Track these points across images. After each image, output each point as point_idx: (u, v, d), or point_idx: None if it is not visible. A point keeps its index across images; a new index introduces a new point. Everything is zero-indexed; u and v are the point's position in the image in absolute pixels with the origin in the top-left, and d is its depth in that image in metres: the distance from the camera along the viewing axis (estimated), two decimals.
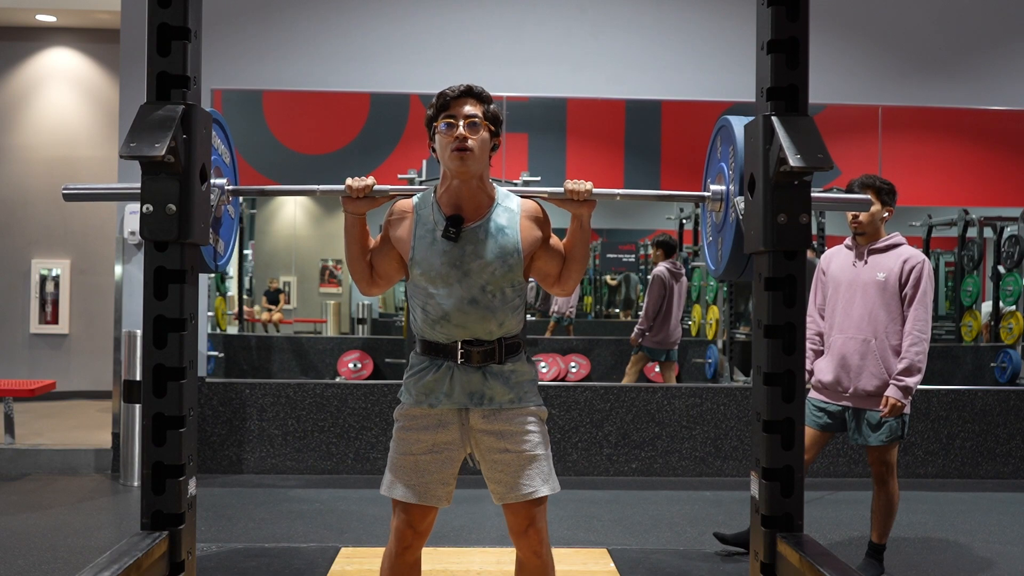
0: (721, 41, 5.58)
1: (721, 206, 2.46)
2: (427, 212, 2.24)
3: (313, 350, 6.45)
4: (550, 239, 2.30)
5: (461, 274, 2.19)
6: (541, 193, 2.34)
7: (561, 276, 2.30)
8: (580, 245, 2.28)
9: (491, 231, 2.21)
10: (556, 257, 2.29)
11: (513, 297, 2.25)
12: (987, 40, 5.77)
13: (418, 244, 2.22)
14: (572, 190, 2.24)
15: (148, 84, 2.09)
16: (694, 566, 3.59)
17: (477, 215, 2.23)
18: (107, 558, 1.89)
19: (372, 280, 2.31)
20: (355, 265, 2.29)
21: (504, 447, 2.21)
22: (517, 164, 5.66)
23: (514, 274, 2.22)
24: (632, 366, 6.05)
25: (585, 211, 2.26)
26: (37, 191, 7.81)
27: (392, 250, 2.28)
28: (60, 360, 7.77)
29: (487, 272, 2.19)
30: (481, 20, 5.59)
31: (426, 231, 2.23)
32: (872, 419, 3.32)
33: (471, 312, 2.20)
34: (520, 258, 2.22)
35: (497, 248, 2.20)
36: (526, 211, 2.27)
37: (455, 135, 2.16)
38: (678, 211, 6.76)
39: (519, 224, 2.24)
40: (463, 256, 2.19)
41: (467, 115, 2.18)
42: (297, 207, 7.29)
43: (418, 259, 2.22)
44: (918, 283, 3.29)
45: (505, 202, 2.27)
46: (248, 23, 5.51)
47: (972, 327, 6.48)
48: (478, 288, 2.20)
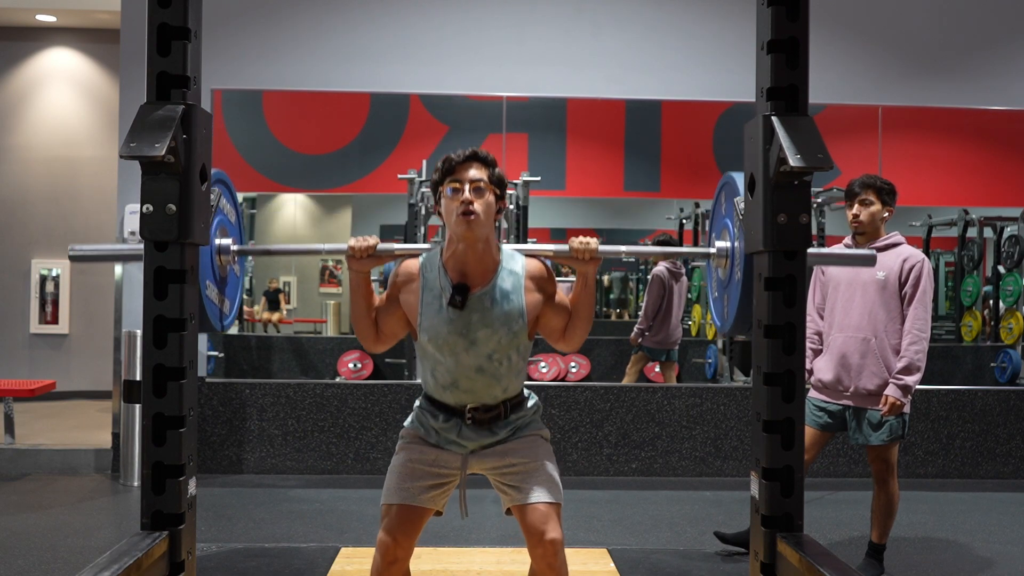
0: (721, 41, 5.59)
1: (727, 263, 2.45)
2: (433, 277, 2.25)
3: (313, 350, 6.45)
4: (555, 296, 2.32)
5: (468, 343, 2.22)
6: (546, 251, 2.35)
7: (566, 332, 2.33)
8: (585, 301, 2.30)
9: (496, 298, 2.23)
10: (561, 313, 2.32)
11: (518, 361, 2.29)
12: (987, 40, 5.77)
13: (425, 311, 2.23)
14: (577, 248, 2.26)
15: (148, 84, 2.09)
16: (694, 566, 3.59)
17: (483, 280, 2.23)
18: (107, 558, 1.89)
19: (377, 338, 2.33)
20: (360, 323, 2.30)
21: (510, 461, 2.27)
22: (517, 164, 5.67)
23: (519, 340, 2.25)
24: (632, 366, 6.06)
25: (591, 269, 2.29)
26: (37, 191, 7.81)
27: (399, 310, 2.29)
28: (60, 360, 7.77)
29: (493, 341, 2.22)
30: (481, 20, 5.59)
31: (433, 297, 2.23)
32: (873, 418, 3.32)
33: (478, 380, 2.24)
34: (524, 323, 2.25)
35: (503, 315, 2.22)
36: (530, 272, 2.29)
37: (461, 200, 2.17)
38: (678, 211, 6.76)
39: (524, 288, 2.26)
40: (469, 325, 2.21)
41: (472, 179, 2.19)
42: (297, 207, 7.30)
43: (425, 325, 2.23)
44: (918, 282, 3.29)
45: (510, 264, 2.27)
46: (248, 23, 5.51)
47: (972, 327, 6.48)
48: (484, 357, 2.23)
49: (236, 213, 2.69)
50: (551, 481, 2.26)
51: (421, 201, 5.51)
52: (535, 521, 2.17)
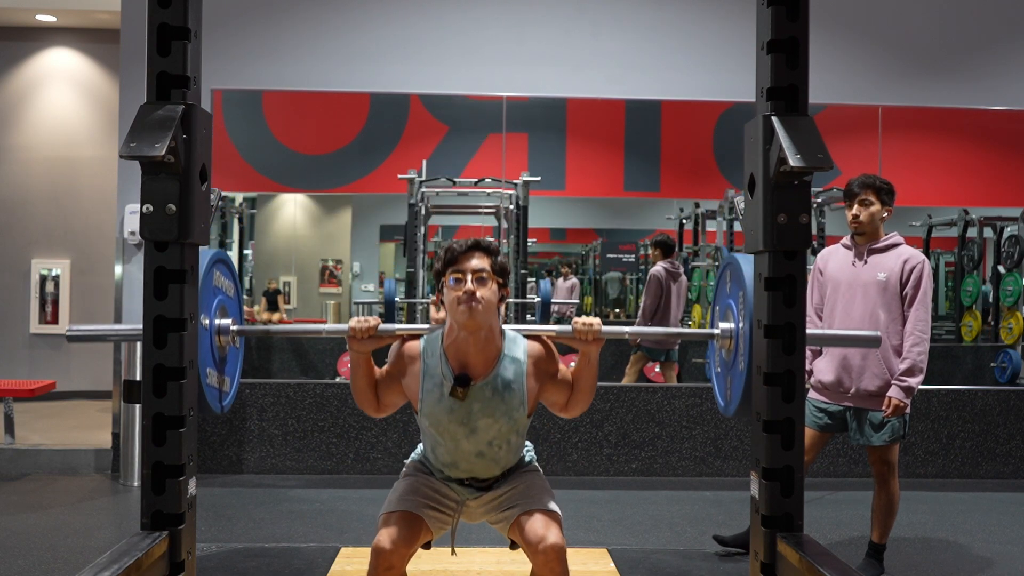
0: (721, 41, 5.59)
1: (731, 344, 2.44)
2: (435, 363, 2.26)
3: (313, 350, 6.45)
4: (557, 374, 2.33)
5: (468, 431, 2.24)
6: (548, 332, 2.35)
7: (568, 404, 2.35)
8: (588, 378, 2.31)
9: (498, 387, 2.24)
10: (564, 388, 2.34)
11: (517, 442, 2.33)
12: (987, 40, 5.77)
13: (426, 397, 2.25)
14: (581, 331, 2.25)
15: (148, 84, 2.09)
16: (694, 566, 3.59)
17: (485, 369, 2.24)
18: (107, 558, 1.89)
19: (379, 409, 2.37)
20: (361, 397, 2.34)
21: (504, 490, 2.33)
22: (517, 164, 5.67)
23: (519, 425, 2.28)
24: (631, 366, 6.05)
25: (594, 349, 2.28)
26: (37, 191, 7.81)
27: (398, 386, 2.32)
28: (60, 360, 7.76)
29: (494, 429, 2.24)
30: (481, 20, 5.59)
31: (434, 384, 2.25)
32: (874, 419, 3.32)
33: (477, 463, 2.29)
34: (525, 411, 2.27)
35: (504, 406, 2.24)
36: (533, 356, 2.30)
37: (463, 290, 2.17)
38: (678, 211, 6.76)
39: (525, 374, 2.27)
40: (470, 414, 2.23)
41: (475, 269, 2.20)
42: (297, 207, 7.29)
43: (426, 411, 2.26)
44: (919, 283, 3.29)
45: (512, 350, 2.27)
46: (248, 23, 5.51)
47: (972, 327, 6.48)
48: (485, 443, 2.26)
49: (236, 289, 2.69)
50: (545, 495, 2.30)
51: (421, 201, 5.50)
52: (534, 528, 2.18)
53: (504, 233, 5.77)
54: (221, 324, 2.48)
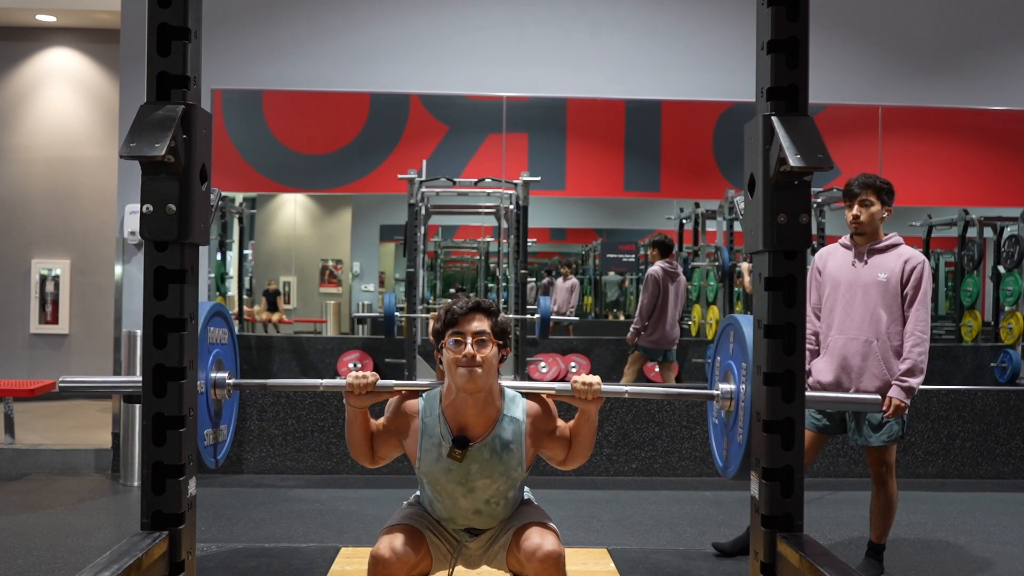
0: (721, 41, 5.59)
1: (731, 405, 2.44)
2: (433, 423, 2.25)
3: (313, 350, 6.45)
4: (556, 431, 2.33)
5: (466, 490, 2.24)
6: (548, 391, 2.36)
7: (566, 459, 2.36)
8: (586, 434, 2.32)
9: (496, 449, 2.23)
10: (562, 444, 2.34)
11: (515, 496, 2.33)
12: (987, 40, 5.77)
13: (424, 456, 2.25)
14: (580, 390, 2.27)
15: (148, 84, 2.09)
16: (694, 566, 3.59)
17: (483, 431, 2.24)
18: (107, 558, 1.89)
19: (374, 461, 2.37)
20: (357, 449, 2.34)
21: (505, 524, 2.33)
22: (517, 164, 5.67)
23: (516, 482, 2.28)
24: (630, 366, 6.06)
25: (593, 407, 2.29)
26: (37, 191, 7.81)
27: (395, 439, 2.32)
28: (60, 360, 7.76)
29: (492, 488, 2.25)
30: (481, 20, 5.60)
31: (432, 444, 2.24)
32: (874, 420, 3.32)
33: (475, 519, 2.29)
34: (523, 470, 2.27)
35: (502, 466, 2.23)
36: (531, 415, 2.30)
37: (463, 353, 2.17)
38: (678, 211, 6.76)
39: (524, 434, 2.27)
40: (468, 475, 2.23)
41: (475, 332, 2.19)
42: (297, 207, 7.29)
43: (424, 470, 2.25)
44: (919, 284, 3.29)
45: (511, 410, 2.27)
46: (248, 23, 5.51)
47: (972, 327, 6.48)
48: (482, 502, 2.26)
49: (233, 344, 2.70)
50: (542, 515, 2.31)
51: (421, 201, 5.50)
52: (532, 537, 2.18)
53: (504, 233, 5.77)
54: (217, 378, 2.50)
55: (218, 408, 2.55)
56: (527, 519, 2.27)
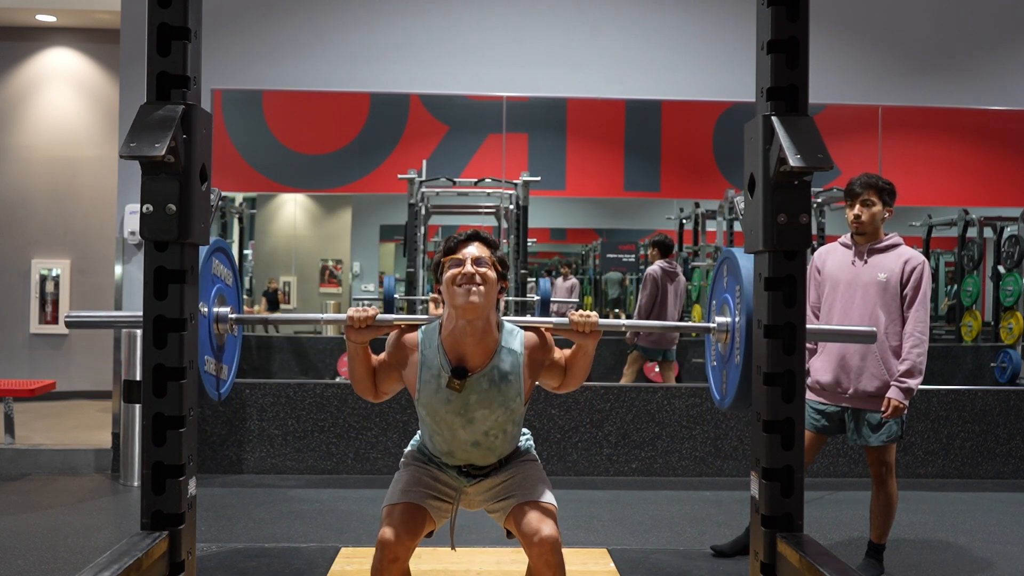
0: (721, 41, 5.59)
1: (727, 338, 2.45)
2: (432, 354, 2.26)
3: (313, 350, 6.45)
4: (553, 361, 2.35)
5: (465, 421, 2.25)
6: (546, 324, 2.36)
7: (562, 385, 2.39)
8: (582, 366, 2.35)
9: (495, 379, 2.24)
10: (558, 372, 2.36)
11: (513, 430, 2.33)
12: (987, 40, 5.77)
13: (423, 387, 2.26)
14: (577, 322, 2.28)
15: (148, 84, 2.09)
16: (694, 566, 3.59)
17: (482, 361, 2.25)
18: (107, 558, 1.89)
19: (377, 396, 2.39)
20: (360, 384, 2.35)
21: (502, 479, 2.34)
22: (517, 164, 5.67)
23: (516, 414, 2.29)
24: (629, 366, 6.06)
25: (591, 342, 2.31)
26: (37, 191, 7.81)
27: (396, 373, 2.33)
28: (60, 360, 7.76)
29: (490, 420, 2.25)
30: (481, 20, 5.59)
31: (431, 376, 2.25)
32: (872, 420, 3.32)
33: (473, 452, 2.30)
34: (522, 401, 2.28)
35: (500, 396, 2.24)
36: (529, 347, 2.31)
37: (463, 271, 2.19)
38: (678, 211, 6.76)
39: (522, 365, 2.28)
40: (467, 405, 2.23)
41: (474, 256, 2.22)
42: (297, 207, 7.29)
43: (423, 401, 2.26)
44: (919, 284, 3.29)
45: (509, 342, 2.28)
46: (248, 23, 5.51)
47: (972, 327, 6.48)
48: (481, 433, 2.27)
49: (234, 278, 2.69)
50: (542, 486, 2.31)
51: (421, 201, 5.50)
52: (530, 521, 2.19)
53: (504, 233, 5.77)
54: (220, 312, 2.49)
55: (220, 343, 2.54)
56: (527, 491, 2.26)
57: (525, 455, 2.43)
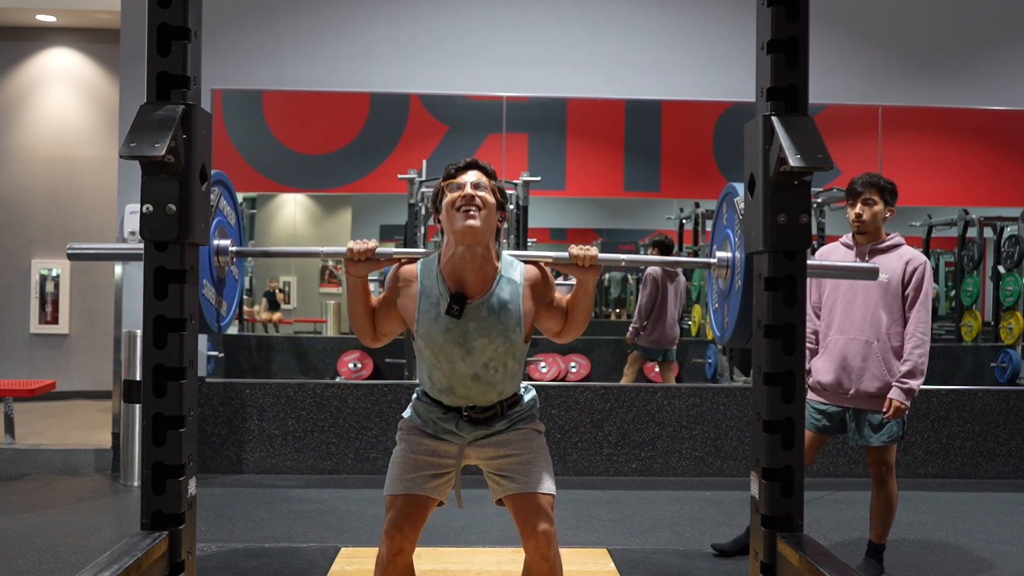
0: (721, 41, 5.59)
1: (727, 273, 2.46)
2: (431, 284, 2.25)
3: (313, 350, 6.45)
4: (553, 301, 2.32)
5: (464, 351, 2.22)
6: (545, 258, 2.35)
7: (562, 331, 2.34)
8: (583, 306, 2.30)
9: (494, 307, 2.22)
10: (558, 315, 2.33)
11: (514, 365, 2.30)
12: (987, 40, 5.77)
13: (422, 318, 2.24)
14: (577, 255, 2.25)
15: (148, 84, 2.09)
16: (694, 566, 3.59)
17: (481, 289, 2.23)
18: (107, 558, 1.89)
19: (375, 337, 2.35)
20: (358, 324, 2.32)
21: (504, 452, 2.28)
22: (517, 164, 5.67)
23: (516, 347, 2.26)
24: (629, 366, 6.06)
25: (591, 276, 2.27)
26: (37, 191, 7.81)
27: (395, 311, 2.30)
28: (60, 360, 7.77)
29: (490, 349, 2.22)
30: (481, 20, 5.59)
31: (430, 304, 2.23)
32: (873, 420, 3.32)
33: (473, 387, 2.26)
34: (522, 332, 2.25)
35: (500, 325, 2.22)
36: (529, 279, 2.29)
37: (462, 194, 2.18)
38: (678, 211, 6.76)
39: (522, 296, 2.26)
40: (466, 334, 2.21)
41: (473, 181, 2.22)
42: (297, 207, 7.30)
43: (422, 332, 2.24)
44: (920, 285, 3.29)
45: (509, 272, 2.27)
46: (248, 23, 5.51)
47: (972, 327, 6.48)
48: (480, 365, 2.24)
49: (236, 215, 2.69)
50: (543, 473, 2.26)
51: (421, 201, 5.50)
52: (527, 512, 2.18)
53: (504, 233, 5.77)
54: (220, 244, 2.48)
55: (221, 276, 2.53)
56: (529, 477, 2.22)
57: (531, 421, 2.36)
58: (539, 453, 2.30)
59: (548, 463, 2.30)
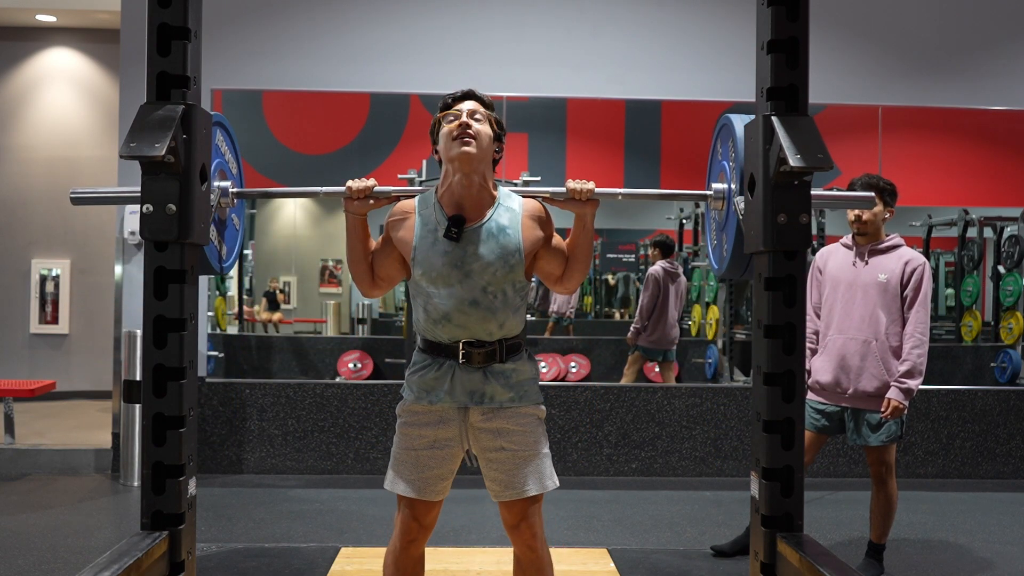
0: (721, 41, 5.58)
1: (723, 204, 2.47)
2: (429, 212, 2.24)
3: (313, 350, 6.45)
4: (552, 238, 2.30)
5: (462, 275, 2.19)
6: (543, 193, 2.33)
7: (564, 275, 2.31)
8: (583, 244, 2.28)
9: (493, 231, 2.20)
10: (559, 256, 2.29)
11: (514, 297, 2.24)
12: (987, 40, 5.77)
13: (420, 244, 2.22)
14: (574, 189, 2.24)
15: (148, 84, 2.09)
16: (694, 566, 3.59)
17: (479, 215, 2.22)
18: (107, 558, 1.89)
19: (374, 282, 2.31)
20: (357, 267, 2.29)
21: (501, 445, 2.21)
22: (517, 164, 5.66)
23: (515, 274, 2.22)
24: (630, 366, 6.06)
25: (588, 210, 2.26)
26: (37, 191, 7.81)
27: (394, 251, 2.28)
28: (60, 360, 7.77)
29: (488, 273, 2.19)
30: (481, 20, 5.59)
31: (428, 231, 2.22)
32: (872, 420, 3.32)
33: (472, 313, 2.19)
34: (521, 258, 2.21)
35: (499, 248, 2.19)
36: (528, 211, 2.27)
37: (459, 122, 2.18)
38: (678, 211, 6.76)
39: (520, 223, 2.24)
40: (464, 257, 2.19)
41: (470, 109, 2.22)
42: (297, 207, 7.30)
43: (419, 259, 2.21)
44: (919, 285, 3.29)
45: (507, 202, 2.26)
46: (248, 23, 5.51)
47: (972, 327, 6.48)
48: (479, 289, 2.19)
49: (236, 160, 2.67)
50: (538, 471, 2.21)
51: None
52: (515, 511, 2.20)
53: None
54: (221, 186, 2.44)
55: (222, 217, 2.51)
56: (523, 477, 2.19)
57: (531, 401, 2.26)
58: (534, 447, 2.23)
59: (545, 456, 2.24)
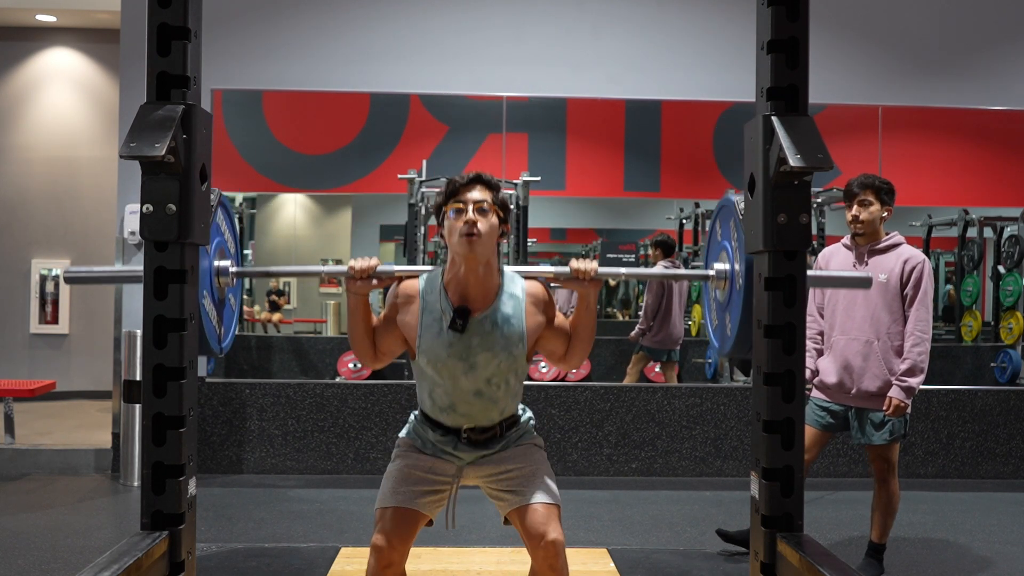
0: (721, 41, 5.58)
1: (726, 284, 2.45)
2: (434, 299, 2.24)
3: (313, 350, 6.45)
4: (554, 320, 2.32)
5: (467, 367, 2.21)
6: (547, 273, 2.34)
7: (567, 354, 2.33)
8: (586, 323, 2.29)
9: (497, 322, 2.22)
10: (561, 337, 2.32)
11: (516, 384, 2.29)
12: (987, 40, 5.77)
13: (425, 333, 2.23)
14: (578, 269, 2.24)
15: (148, 84, 2.09)
16: (694, 566, 3.59)
17: (484, 304, 2.23)
18: (107, 558, 1.89)
19: (376, 357, 2.33)
20: (359, 344, 2.30)
21: (506, 467, 2.27)
22: (517, 164, 5.67)
23: (518, 363, 2.25)
24: (633, 366, 6.06)
25: (591, 291, 2.26)
26: (37, 191, 7.81)
27: (396, 330, 2.29)
28: (60, 360, 7.76)
29: (493, 364, 2.22)
30: (481, 20, 5.59)
31: (433, 320, 2.23)
32: (875, 418, 3.32)
33: (475, 403, 2.24)
34: (524, 348, 2.24)
35: (503, 340, 2.22)
36: (531, 295, 2.29)
37: (464, 219, 2.16)
38: (678, 211, 6.76)
39: (524, 312, 2.25)
40: (469, 348, 2.21)
41: (476, 200, 2.19)
42: (297, 207, 7.30)
43: (425, 348, 2.23)
44: (919, 283, 3.29)
45: (511, 288, 2.27)
46: (248, 23, 5.51)
47: (972, 327, 6.48)
48: (483, 380, 2.23)
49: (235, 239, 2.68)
50: (548, 484, 2.26)
51: (421, 201, 5.50)
52: (535, 522, 2.16)
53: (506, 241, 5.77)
54: (220, 266, 2.46)
55: (221, 297, 2.53)
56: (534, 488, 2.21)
57: (529, 438, 2.36)
58: (540, 465, 2.30)
59: (550, 475, 2.30)
